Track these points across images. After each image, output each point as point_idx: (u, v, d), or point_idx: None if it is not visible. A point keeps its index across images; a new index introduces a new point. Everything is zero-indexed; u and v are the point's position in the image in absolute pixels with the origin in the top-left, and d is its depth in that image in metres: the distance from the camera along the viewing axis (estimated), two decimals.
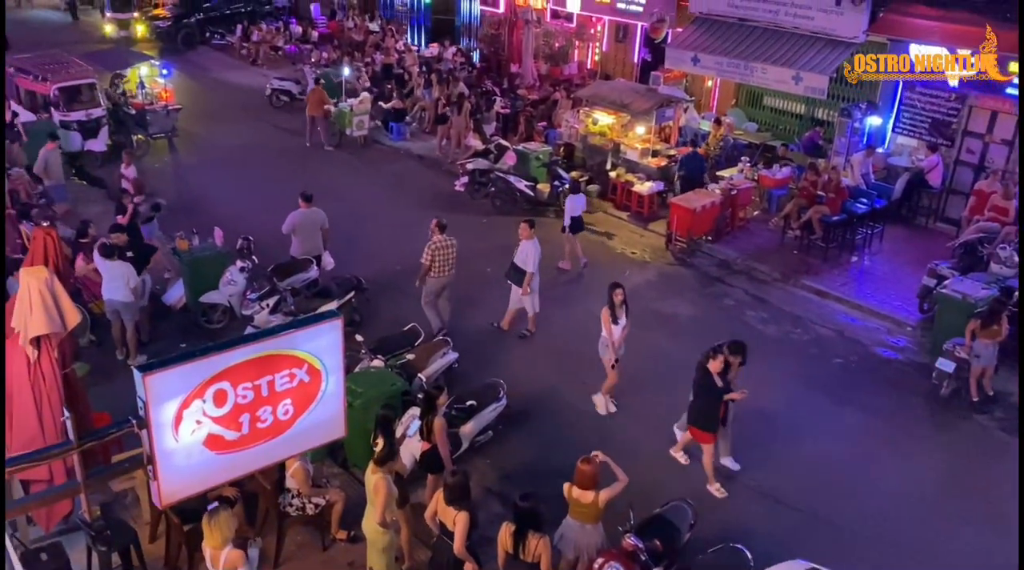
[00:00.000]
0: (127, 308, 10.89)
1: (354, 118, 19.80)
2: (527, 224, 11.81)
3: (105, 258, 10.75)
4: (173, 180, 17.78)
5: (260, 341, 5.34)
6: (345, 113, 19.90)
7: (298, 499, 7.85)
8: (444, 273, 11.53)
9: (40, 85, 18.09)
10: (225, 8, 30.28)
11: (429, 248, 11.41)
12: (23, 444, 6.64)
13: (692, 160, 16.04)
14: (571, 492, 7.22)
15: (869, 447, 9.99)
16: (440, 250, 11.42)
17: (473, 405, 9.41)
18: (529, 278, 11.58)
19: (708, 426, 8.95)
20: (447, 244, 11.48)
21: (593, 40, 22.78)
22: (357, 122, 19.85)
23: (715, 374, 8.78)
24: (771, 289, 13.73)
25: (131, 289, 10.77)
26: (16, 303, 6.45)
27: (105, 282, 10.79)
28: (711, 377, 8.80)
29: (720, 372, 8.80)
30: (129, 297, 10.79)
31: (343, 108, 20.00)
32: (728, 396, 8.86)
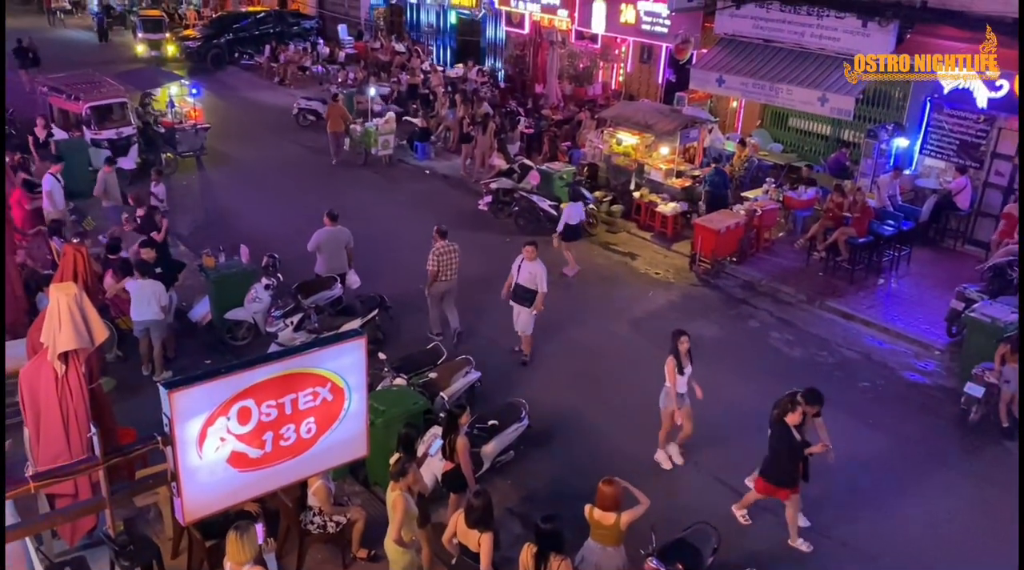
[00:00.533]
0: (157, 326, 11.03)
1: (379, 137, 19.98)
2: (532, 246, 11.58)
3: (139, 276, 10.89)
4: (201, 198, 17.99)
5: (284, 359, 5.37)
6: (371, 132, 20.09)
7: (319, 517, 7.85)
8: (448, 277, 11.96)
9: (73, 104, 18.43)
10: (254, 29, 30.76)
11: (433, 254, 11.82)
12: (50, 458, 6.70)
13: (717, 176, 16.05)
14: (592, 514, 7.16)
15: (896, 473, 9.83)
16: (444, 256, 11.82)
17: (495, 425, 9.38)
18: (542, 297, 11.47)
19: (787, 482, 8.41)
20: (449, 249, 11.89)
21: (618, 61, 22.85)
22: (383, 142, 20.02)
23: (793, 427, 8.20)
24: (796, 311, 13.61)
25: (161, 308, 10.91)
26: (45, 318, 6.53)
27: (135, 300, 10.91)
28: (789, 431, 8.20)
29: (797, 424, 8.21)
30: (159, 315, 10.95)
31: (369, 128, 20.19)
32: (809, 451, 8.25)
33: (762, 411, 10.76)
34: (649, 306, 13.68)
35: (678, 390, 9.41)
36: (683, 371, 9.40)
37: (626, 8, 20.26)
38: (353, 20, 31.77)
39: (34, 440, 6.85)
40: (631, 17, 20.21)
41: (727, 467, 9.73)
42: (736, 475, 9.57)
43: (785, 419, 8.22)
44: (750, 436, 10.32)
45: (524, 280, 11.53)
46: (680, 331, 9.50)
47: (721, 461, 9.85)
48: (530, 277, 11.46)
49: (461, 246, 12.06)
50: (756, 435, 10.32)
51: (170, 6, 37.60)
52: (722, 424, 10.53)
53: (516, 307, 11.73)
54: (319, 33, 31.97)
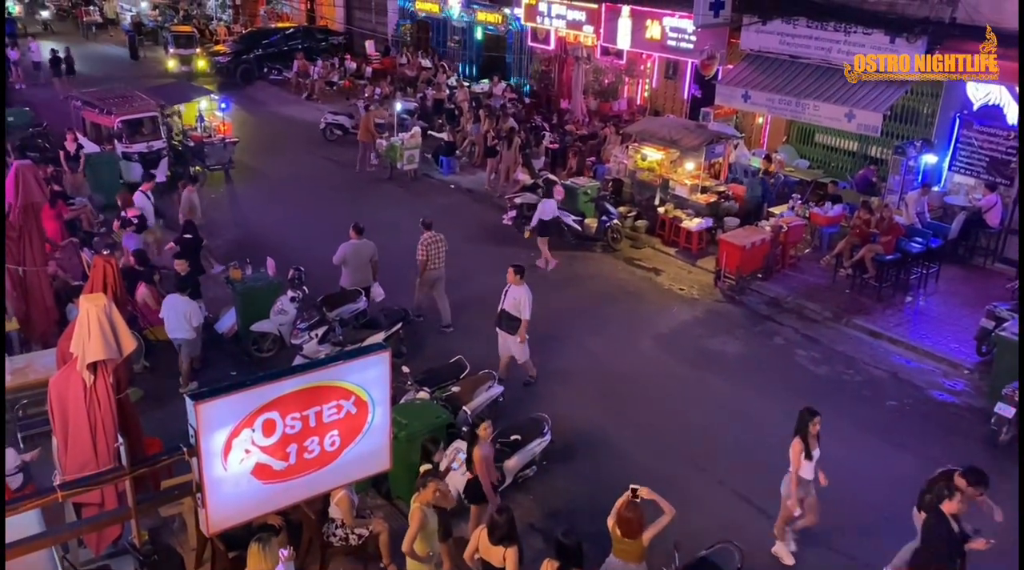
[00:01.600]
0: (188, 344, 11.21)
1: (405, 152, 20.14)
2: (514, 270, 11.13)
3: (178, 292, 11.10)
4: (229, 211, 18.19)
5: (309, 372, 5.40)
6: (396, 147, 20.26)
7: (342, 529, 7.87)
8: (437, 266, 12.78)
9: (105, 118, 18.74)
10: (283, 45, 31.14)
11: (422, 245, 12.64)
12: (78, 467, 6.77)
13: (757, 184, 16.07)
14: (616, 529, 7.10)
15: None
16: (432, 245, 12.67)
17: (517, 440, 9.37)
18: (525, 325, 11.00)
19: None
20: (436, 239, 12.74)
21: (643, 76, 22.88)
22: (408, 156, 20.17)
23: (951, 516, 6.99)
24: (822, 328, 13.48)
25: (193, 327, 11.04)
26: (75, 329, 6.62)
27: (168, 317, 11.06)
28: (945, 523, 6.99)
29: (956, 513, 7.01)
30: (192, 335, 11.09)
31: (394, 142, 20.36)
32: (971, 546, 7.00)
33: (786, 429, 10.68)
34: (673, 322, 13.62)
35: (804, 476, 8.31)
36: (811, 455, 8.25)
37: (652, 24, 20.29)
38: (380, 36, 32.08)
39: (62, 449, 6.93)
40: (656, 33, 20.23)
41: (751, 485, 9.64)
42: (760, 494, 9.48)
43: (941, 508, 6.96)
44: (774, 454, 10.19)
45: (509, 306, 11.07)
46: (812, 411, 8.32)
47: (745, 479, 9.76)
48: (514, 303, 11.01)
49: (484, 260, 12.16)
50: (780, 453, 10.22)
51: (201, 22, 38.20)
52: (746, 442, 10.45)
53: (501, 334, 11.33)
54: (346, 49, 32.29)
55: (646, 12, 20.37)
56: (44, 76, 29.22)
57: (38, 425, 9.58)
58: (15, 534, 4.95)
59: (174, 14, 40.23)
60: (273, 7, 38.11)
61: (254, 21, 37.89)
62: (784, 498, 8.40)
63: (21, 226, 10.43)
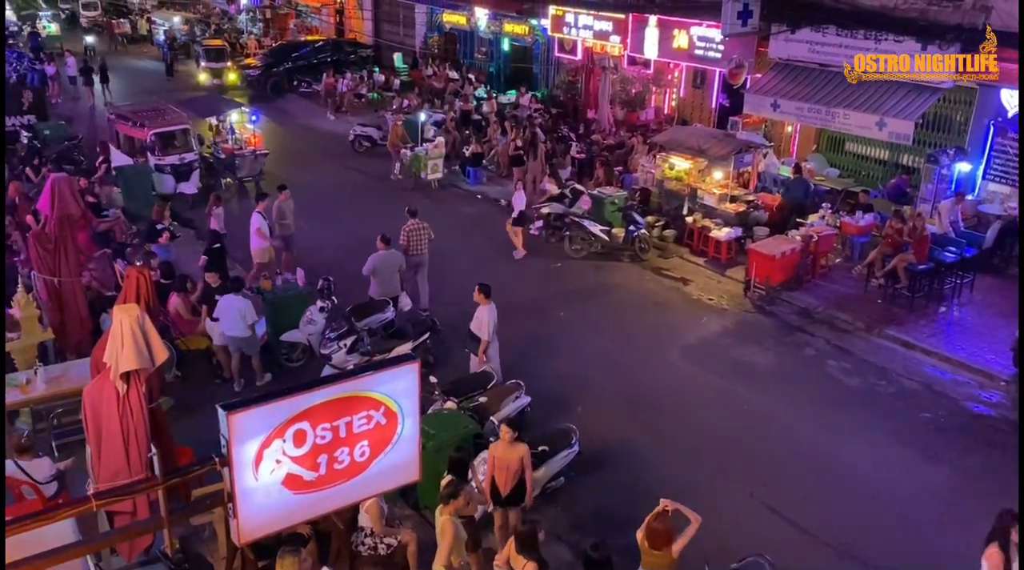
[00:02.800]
0: (246, 343, 11.40)
1: (429, 162, 20.36)
2: (480, 289, 10.88)
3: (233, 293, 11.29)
4: None
5: (340, 382, 5.42)
6: (420, 157, 20.47)
7: (370, 538, 7.87)
8: (419, 252, 13.64)
9: (138, 131, 19.03)
10: (312, 58, 31.46)
11: (404, 231, 13.56)
12: (110, 475, 6.85)
13: (798, 185, 15.94)
14: (644, 541, 7.04)
15: (959, 508, 9.48)
16: (414, 232, 13.57)
17: (545, 450, 9.32)
18: (484, 346, 10.80)
19: None
20: (419, 226, 13.63)
21: (670, 86, 22.82)
22: (432, 166, 20.39)
23: None
24: (854, 339, 13.31)
25: (248, 325, 11.23)
26: (109, 339, 6.70)
27: (225, 319, 11.23)
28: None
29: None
30: (248, 333, 11.27)
31: (419, 152, 20.55)
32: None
33: (817, 441, 10.58)
34: (702, 333, 13.52)
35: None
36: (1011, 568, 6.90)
37: (679, 33, 20.23)
38: (408, 48, 32.31)
39: (95, 457, 7.01)
40: (684, 42, 20.18)
41: (781, 498, 9.53)
42: (791, 506, 9.38)
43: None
44: (805, 466, 10.14)
45: (473, 325, 10.93)
46: (1012, 513, 7.07)
47: (776, 492, 9.65)
48: (477, 323, 10.81)
49: (510, 270, 12.11)
50: (811, 465, 10.13)
51: (232, 36, 38.71)
52: (777, 454, 10.35)
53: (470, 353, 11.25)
54: (375, 61, 32.56)
55: (673, 22, 20.33)
56: (79, 90, 29.77)
57: (72, 433, 9.72)
58: (51, 542, 5.02)
59: (206, 28, 40.83)
60: (303, 21, 38.54)
61: (284, 35, 38.32)
62: None
63: (57, 237, 10.61)
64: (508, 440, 8.12)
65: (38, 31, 37.85)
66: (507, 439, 8.12)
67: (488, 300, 10.83)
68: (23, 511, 6.44)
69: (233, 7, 41.78)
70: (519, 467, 8.10)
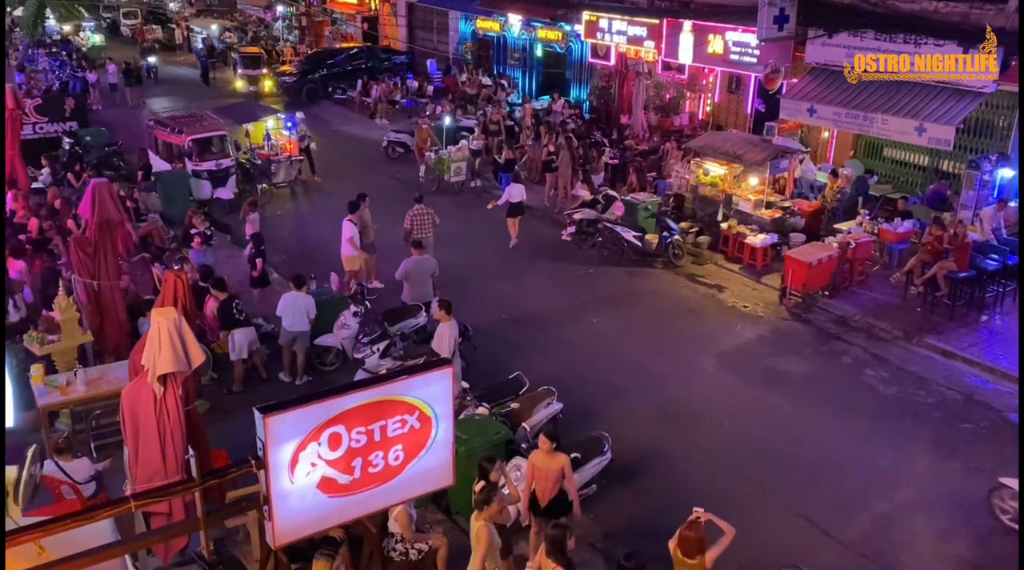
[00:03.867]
0: (304, 336, 11.72)
1: (452, 165, 20.66)
2: (439, 304, 10.56)
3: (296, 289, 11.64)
4: (294, 227, 18.53)
5: (374, 386, 5.43)
6: (444, 160, 20.75)
7: (401, 544, 7.88)
8: (425, 235, 14.15)
9: (176, 137, 19.32)
10: (347, 65, 31.73)
11: (409, 215, 14.36)
12: (147, 476, 6.94)
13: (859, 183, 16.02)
14: (677, 551, 6.97)
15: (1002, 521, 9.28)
16: (417, 217, 14.33)
17: (577, 457, 9.25)
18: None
19: None
20: (423, 212, 14.39)
21: (705, 91, 22.66)
22: (455, 169, 20.71)
23: None
24: (892, 348, 13.09)
25: (310, 320, 11.60)
26: (147, 342, 6.79)
27: (288, 312, 11.55)
28: None
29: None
30: (308, 327, 11.64)
31: (442, 155, 20.86)
32: None
33: (854, 450, 10.40)
34: (737, 340, 13.37)
35: None
36: None
37: (714, 39, 20.09)
38: (442, 55, 32.46)
39: (132, 459, 7.10)
40: (719, 47, 20.02)
41: (817, 508, 9.40)
42: (826, 516, 9.24)
43: None
44: (841, 476, 9.98)
45: (434, 343, 10.52)
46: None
47: (811, 501, 9.51)
48: (438, 340, 10.43)
49: (541, 276, 12.08)
50: (847, 475, 9.96)
51: (268, 43, 39.17)
52: (812, 463, 10.20)
53: None
54: (409, 68, 32.75)
55: (708, 27, 20.19)
56: (119, 97, 30.30)
57: (110, 435, 9.88)
58: (91, 541, 5.09)
59: (243, 35, 41.37)
60: (338, 28, 38.89)
61: (319, 42, 38.70)
62: None
63: (97, 242, 10.79)
64: (547, 450, 8.06)
65: (71, 39, 38.37)
66: (546, 449, 8.06)
67: (449, 317, 10.40)
68: (62, 510, 6.53)
69: (270, 14, 42.28)
70: (559, 477, 8.04)
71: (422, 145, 21.63)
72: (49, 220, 14.43)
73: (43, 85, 27.71)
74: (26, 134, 18.89)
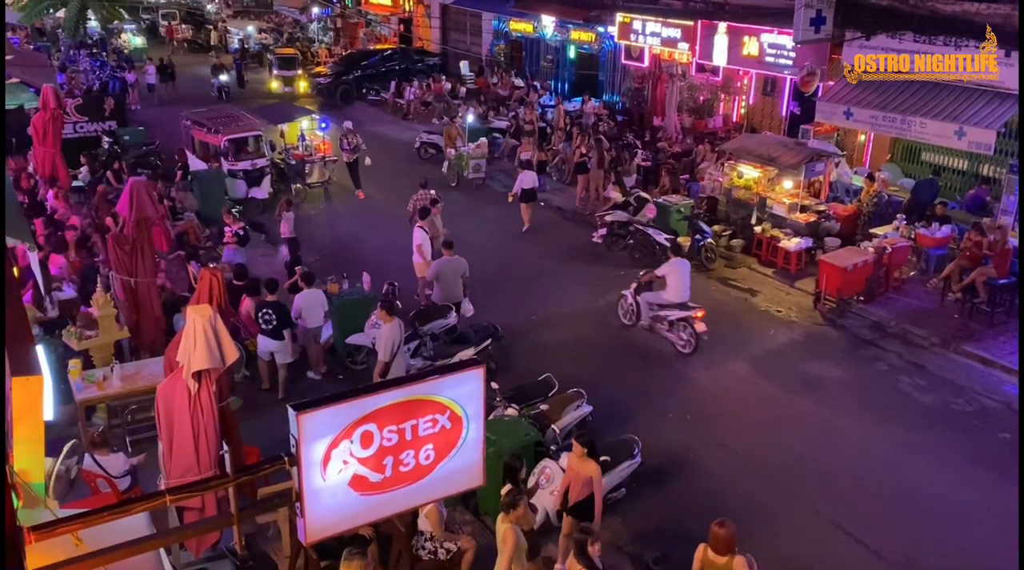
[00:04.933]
0: (318, 330, 11.93)
1: (470, 162, 20.90)
2: (381, 305, 10.61)
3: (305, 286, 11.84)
4: (327, 227, 18.67)
5: (406, 385, 5.45)
6: (463, 156, 21.02)
7: (431, 542, 7.90)
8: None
9: (212, 137, 19.55)
10: (381, 66, 31.92)
11: (412, 199, 15.78)
12: (181, 471, 7.03)
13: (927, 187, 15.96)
14: (706, 554, 6.90)
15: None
16: (420, 201, 15.44)
17: (607, 460, 9.22)
18: (381, 367, 10.35)
19: None
20: (425, 196, 15.60)
21: (739, 93, 22.48)
22: (473, 166, 20.96)
23: None
24: (928, 355, 12.88)
25: (324, 312, 11.84)
26: (182, 339, 6.88)
27: (308, 312, 11.72)
28: None
29: None
30: (322, 320, 11.87)
31: (462, 152, 21.11)
32: None
33: (889, 459, 10.25)
34: (770, 345, 13.24)
35: None
36: None
37: (749, 40, 19.93)
38: (475, 56, 32.54)
39: (167, 454, 7.20)
40: (754, 49, 19.86)
41: (849, 516, 9.27)
42: (859, 525, 9.11)
43: None
44: (875, 484, 9.85)
45: (376, 343, 10.61)
46: None
47: (844, 510, 9.38)
48: (379, 341, 10.50)
49: (572, 278, 12.07)
50: (881, 483, 9.82)
51: (303, 44, 39.53)
52: (846, 471, 10.06)
53: None
54: (442, 69, 32.87)
55: (743, 28, 20.04)
56: (157, 97, 30.75)
57: (145, 430, 10.02)
58: (127, 534, 5.15)
59: (279, 37, 41.78)
60: (372, 30, 39.15)
61: (354, 43, 38.98)
62: None
63: (134, 239, 10.96)
64: (579, 455, 8.05)
65: (110, 41, 38.88)
66: (578, 454, 8.05)
67: (392, 318, 10.35)
68: (98, 504, 6.63)
69: (305, 16, 42.66)
70: (587, 481, 8.01)
71: (449, 142, 22.00)
72: (89, 217, 14.69)
73: (84, 85, 28.17)
74: (67, 133, 19.19)
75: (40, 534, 4.55)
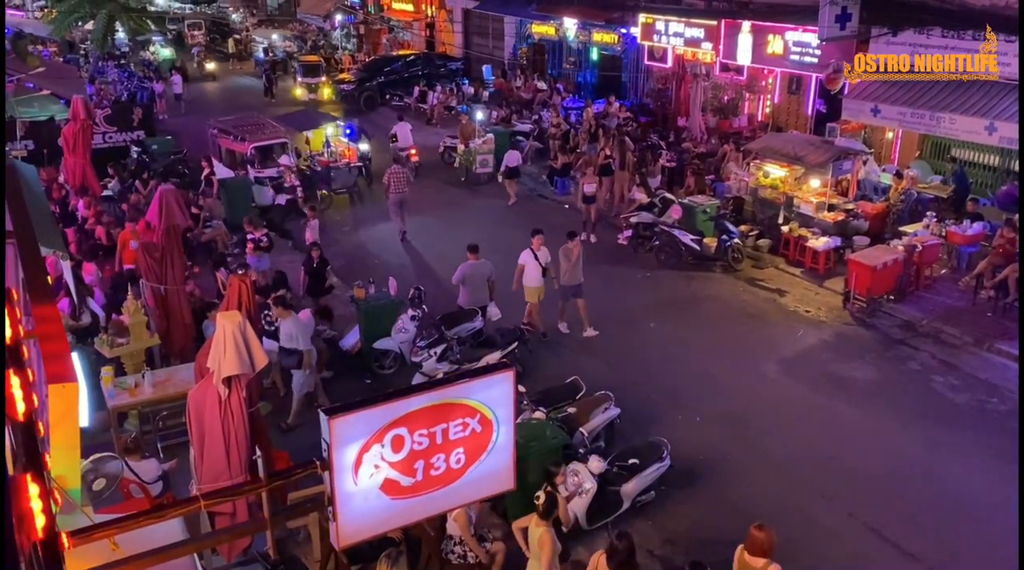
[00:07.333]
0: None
1: (478, 157, 21.55)
2: (275, 301, 10.75)
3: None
4: (353, 232, 18.76)
5: (436, 389, 5.45)
6: (472, 151, 21.60)
7: (460, 546, 7.90)
8: (401, 191, 17.34)
9: (239, 145, 19.74)
10: (404, 72, 32.06)
11: (387, 173, 17.40)
12: (212, 477, 7.08)
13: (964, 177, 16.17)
14: (742, 556, 6.83)
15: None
16: (395, 174, 17.31)
17: (635, 463, 9.19)
18: (308, 358, 10.65)
19: None
20: (400, 171, 17.55)
21: (764, 92, 22.32)
22: (481, 161, 21.60)
23: None
24: (961, 354, 12.69)
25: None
26: (212, 345, 6.93)
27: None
28: None
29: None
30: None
31: (471, 147, 21.61)
32: None
33: (923, 460, 10.11)
34: (799, 346, 13.11)
35: None
36: None
37: (773, 39, 19.79)
38: (497, 60, 32.58)
39: (198, 459, 7.26)
40: (779, 48, 19.71)
41: (882, 518, 9.15)
42: (892, 527, 8.99)
43: None
44: (910, 486, 9.72)
45: (283, 341, 10.69)
46: None
47: (879, 512, 9.25)
48: (287, 337, 10.63)
49: (596, 280, 12.03)
50: (916, 485, 9.69)
51: (327, 51, 39.79)
52: (880, 473, 9.93)
53: None
54: (464, 74, 32.95)
55: (768, 27, 19.90)
56: (184, 106, 31.09)
57: (177, 435, 10.11)
58: (161, 539, 5.20)
59: (303, 45, 42.09)
60: (395, 36, 39.34)
61: (377, 50, 39.19)
62: None
63: (164, 247, 11.08)
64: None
65: (137, 52, 39.32)
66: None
67: (287, 311, 10.65)
68: (131, 509, 6.69)
69: (328, 24, 42.97)
70: None
71: (464, 139, 22.43)
72: (117, 227, 14.86)
73: (112, 96, 28.56)
74: (96, 143, 19.48)
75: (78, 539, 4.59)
